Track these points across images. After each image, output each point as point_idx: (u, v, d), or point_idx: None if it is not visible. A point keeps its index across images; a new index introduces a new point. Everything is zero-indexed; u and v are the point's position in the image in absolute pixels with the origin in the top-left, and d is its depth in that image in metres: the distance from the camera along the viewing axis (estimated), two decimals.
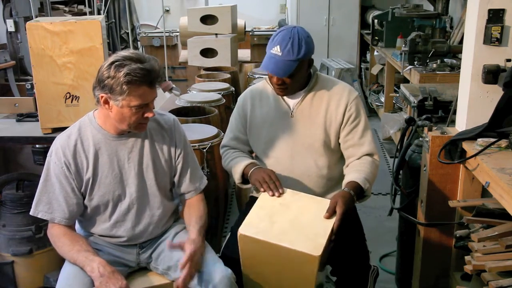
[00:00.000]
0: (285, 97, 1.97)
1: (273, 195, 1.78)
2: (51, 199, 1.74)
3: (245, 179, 1.95)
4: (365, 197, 1.86)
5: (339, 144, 1.96)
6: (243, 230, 1.65)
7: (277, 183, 1.80)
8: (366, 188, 1.82)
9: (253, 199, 1.90)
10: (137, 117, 1.67)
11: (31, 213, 1.76)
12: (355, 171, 1.86)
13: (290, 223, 1.67)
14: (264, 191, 1.80)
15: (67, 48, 2.30)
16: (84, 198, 1.77)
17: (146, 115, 1.68)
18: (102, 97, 1.64)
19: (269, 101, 2.00)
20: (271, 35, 1.89)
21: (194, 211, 1.87)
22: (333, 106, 1.92)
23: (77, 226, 1.87)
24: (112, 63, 1.60)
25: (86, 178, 1.74)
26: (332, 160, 1.97)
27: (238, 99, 2.09)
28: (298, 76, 1.86)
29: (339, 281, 1.87)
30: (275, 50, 1.80)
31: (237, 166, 1.96)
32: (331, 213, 1.68)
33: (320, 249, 1.56)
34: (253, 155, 2.10)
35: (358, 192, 1.80)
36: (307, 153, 1.94)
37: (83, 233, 1.86)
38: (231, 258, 1.80)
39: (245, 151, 2.07)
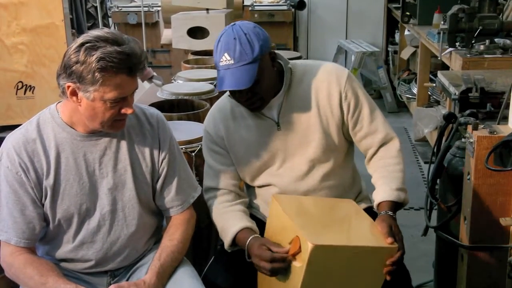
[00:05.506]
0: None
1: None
2: (3, 215, 1.72)
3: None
4: (403, 205, 1.96)
5: (344, 138, 2.00)
6: (314, 240, 1.62)
7: (277, 257, 1.72)
8: (402, 201, 1.92)
9: (223, 251, 1.94)
10: (112, 114, 1.66)
11: None
12: (384, 183, 1.93)
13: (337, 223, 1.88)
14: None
15: (18, 25, 2.30)
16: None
17: (123, 111, 1.67)
18: (68, 87, 1.63)
19: (245, 120, 1.98)
20: (275, 10, 1.88)
21: (170, 237, 1.85)
22: (324, 99, 1.93)
23: None
24: (82, 44, 1.59)
25: (45, 188, 1.73)
26: (338, 162, 2.00)
27: (205, 125, 2.07)
28: (266, 78, 1.85)
29: None
30: (224, 60, 1.79)
31: (225, 232, 1.92)
32: (392, 238, 1.74)
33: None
34: (241, 185, 2.10)
35: (397, 207, 1.91)
36: (309, 165, 1.97)
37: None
38: (213, 283, 1.86)
39: (232, 188, 2.03)
